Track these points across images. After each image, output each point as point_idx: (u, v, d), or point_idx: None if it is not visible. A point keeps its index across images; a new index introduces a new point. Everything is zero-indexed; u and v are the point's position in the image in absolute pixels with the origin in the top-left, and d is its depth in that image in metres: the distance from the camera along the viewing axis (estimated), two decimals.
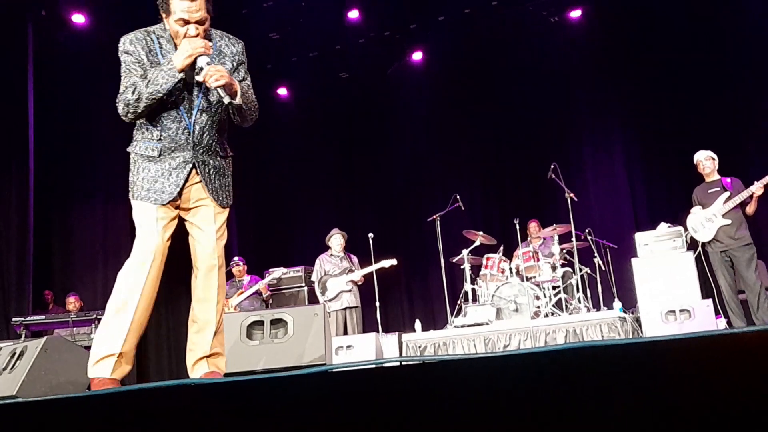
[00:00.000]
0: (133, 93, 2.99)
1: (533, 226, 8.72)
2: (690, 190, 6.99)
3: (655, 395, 1.60)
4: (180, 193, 3.10)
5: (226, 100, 2.99)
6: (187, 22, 3.01)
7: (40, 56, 8.37)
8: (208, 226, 3.18)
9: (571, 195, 7.67)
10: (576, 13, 9.75)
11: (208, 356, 3.12)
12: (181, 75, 2.98)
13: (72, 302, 8.32)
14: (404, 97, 10.87)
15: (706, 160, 6.80)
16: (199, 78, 2.99)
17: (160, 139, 3.09)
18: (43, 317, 7.39)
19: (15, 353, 3.76)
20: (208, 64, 2.98)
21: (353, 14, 9.65)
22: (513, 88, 10.33)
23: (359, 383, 1.83)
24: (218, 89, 2.97)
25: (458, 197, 8.36)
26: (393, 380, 1.82)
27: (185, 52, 2.96)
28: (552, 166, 7.83)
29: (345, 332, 7.80)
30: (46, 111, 8.50)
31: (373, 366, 1.82)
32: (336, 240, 8.23)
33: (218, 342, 3.17)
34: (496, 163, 10.52)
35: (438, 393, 1.71)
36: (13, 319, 7.14)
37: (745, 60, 8.92)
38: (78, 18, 8.72)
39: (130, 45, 3.08)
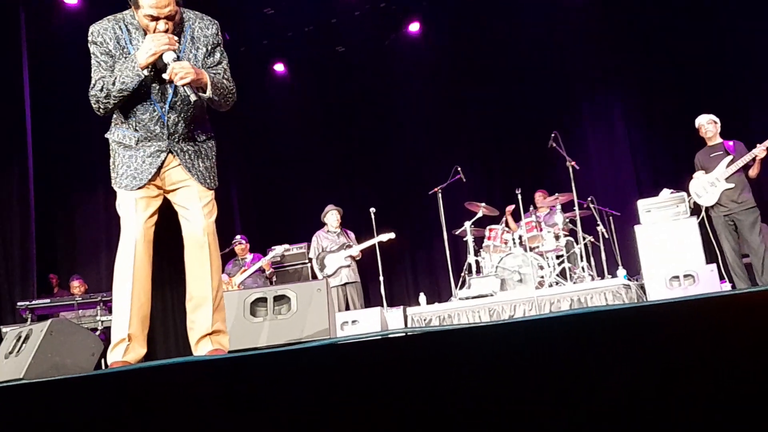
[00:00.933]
0: (101, 90, 3.00)
1: (539, 195, 8.68)
2: (692, 156, 6.96)
3: (660, 358, 1.60)
4: (158, 174, 3.11)
5: (193, 97, 2.95)
6: (155, 18, 2.95)
7: (35, 44, 8.29)
8: (194, 204, 3.16)
9: (573, 163, 7.63)
10: None
11: (210, 333, 3.11)
12: (145, 73, 2.95)
13: (76, 285, 8.34)
14: (402, 69, 10.79)
15: (708, 124, 6.76)
16: (165, 76, 2.95)
17: (136, 129, 3.11)
18: (48, 301, 7.41)
19: (21, 336, 3.77)
20: (175, 59, 2.92)
21: None
22: (512, 57, 10.25)
23: (365, 355, 1.83)
24: (185, 87, 2.93)
25: (459, 169, 8.32)
26: (399, 351, 1.81)
27: (148, 51, 2.92)
28: (553, 135, 7.78)
29: (347, 308, 7.82)
30: (44, 99, 8.44)
31: (379, 337, 1.82)
32: (332, 216, 8.22)
33: (219, 318, 3.16)
34: (496, 134, 10.48)
35: (444, 362, 1.70)
36: (19, 303, 7.16)
37: (746, 24, 8.82)
38: (71, 0, 8.62)
39: (98, 36, 3.04)
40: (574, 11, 9.82)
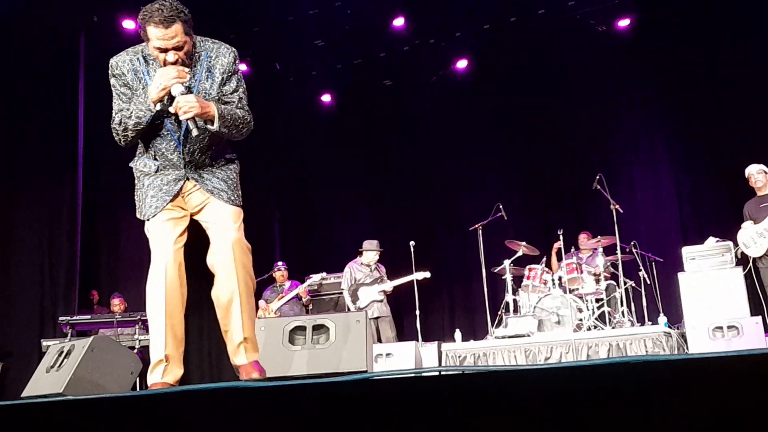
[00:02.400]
0: (119, 124, 3.12)
1: (583, 237, 8.59)
2: (738, 205, 6.84)
3: (702, 414, 1.56)
4: (177, 196, 3.16)
5: (195, 132, 2.97)
6: (163, 50, 2.98)
7: (92, 66, 8.56)
8: (219, 218, 3.17)
9: (617, 207, 7.55)
10: (624, 23, 9.62)
11: (244, 341, 3.13)
12: (157, 107, 3.01)
13: (117, 303, 8.47)
14: (448, 105, 10.83)
15: (758, 174, 6.65)
16: (171, 109, 2.99)
17: (155, 158, 3.19)
18: (89, 317, 7.55)
19: (63, 351, 3.85)
20: (183, 93, 2.94)
21: (398, 22, 9.67)
22: (558, 97, 10.24)
23: (399, 392, 1.82)
24: (188, 122, 2.97)
25: (501, 207, 8.29)
26: (433, 390, 1.81)
27: (158, 86, 2.97)
28: (598, 177, 7.72)
29: (378, 341, 7.78)
30: (96, 118, 8.67)
31: (414, 375, 1.81)
32: (372, 255, 8.20)
33: (251, 320, 3.18)
34: (539, 173, 10.42)
35: (478, 404, 1.69)
36: (60, 318, 7.30)
37: None
38: (129, 24, 8.89)
39: (116, 68, 3.15)
40: (622, 54, 9.78)
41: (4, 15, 7.84)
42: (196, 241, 3.31)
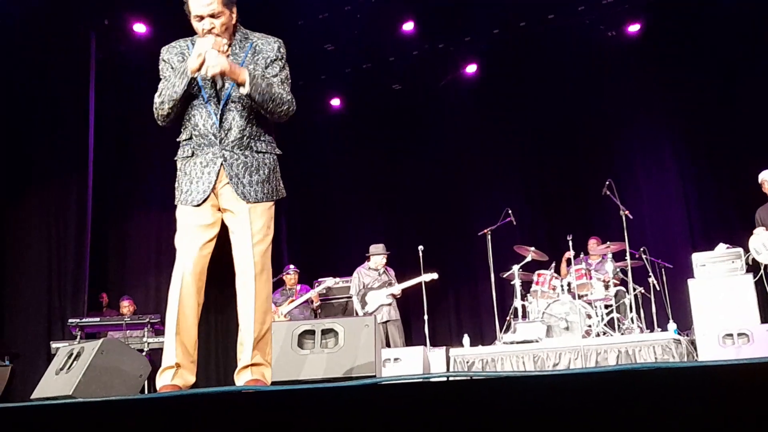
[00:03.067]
0: (158, 96, 3.16)
1: (593, 242, 8.55)
2: (748, 211, 6.81)
3: (712, 423, 1.55)
4: (214, 190, 3.13)
5: (219, 83, 3.04)
6: (201, 18, 3.08)
7: (102, 66, 8.60)
8: (242, 230, 3.13)
9: (626, 212, 7.52)
10: (634, 28, 9.60)
11: (251, 365, 3.10)
12: (193, 74, 3.06)
13: (126, 305, 8.49)
14: (457, 109, 10.83)
15: None
16: (200, 73, 3.05)
17: (191, 137, 3.18)
18: (98, 319, 7.56)
19: (72, 354, 3.86)
20: (212, 56, 3.03)
21: (408, 26, 9.68)
22: (568, 102, 10.21)
23: (406, 397, 1.82)
24: (218, 77, 3.03)
25: (510, 212, 8.27)
26: (441, 395, 1.80)
27: (195, 52, 3.05)
28: (607, 183, 7.69)
29: (387, 345, 7.77)
30: (107, 120, 8.73)
31: (422, 380, 1.81)
32: (379, 258, 8.20)
33: (261, 352, 3.11)
34: (548, 178, 10.40)
35: (486, 411, 1.68)
36: (69, 320, 7.32)
37: None
38: (139, 27, 8.93)
39: (166, 53, 3.25)
40: (631, 59, 9.76)
41: (16, 17, 7.89)
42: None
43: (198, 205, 3.13)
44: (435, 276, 8.01)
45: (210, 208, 3.16)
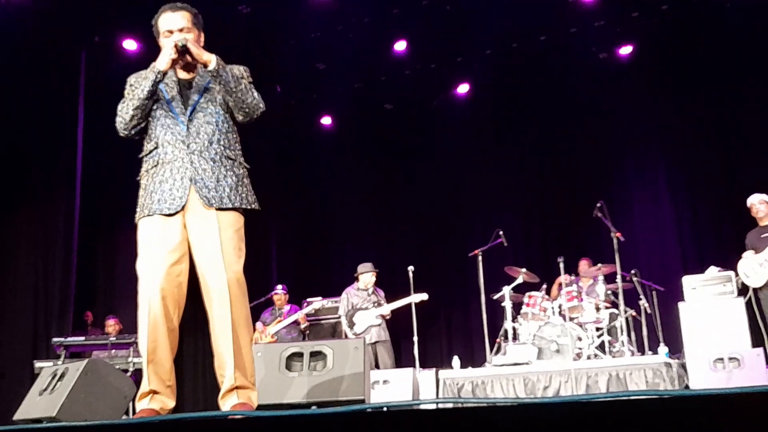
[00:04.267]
0: (122, 103, 3.18)
1: (584, 263, 8.53)
2: (740, 234, 6.82)
3: None
4: (185, 205, 3.04)
5: (185, 44, 3.05)
6: (170, 32, 3.16)
7: (92, 83, 8.57)
8: (210, 241, 3.02)
9: (618, 235, 7.51)
10: (626, 50, 9.66)
11: (236, 387, 3.01)
12: (161, 68, 3.08)
13: (112, 325, 8.40)
14: (448, 129, 10.85)
15: (759, 204, 6.64)
16: (170, 52, 3.08)
17: (156, 147, 3.13)
18: (82, 339, 7.45)
19: (56, 374, 3.79)
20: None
21: (400, 46, 9.71)
22: (559, 123, 10.26)
23: (396, 424, 1.78)
24: (181, 43, 3.05)
25: (501, 233, 8.25)
26: (429, 423, 1.76)
27: (163, 54, 3.11)
28: (599, 205, 7.69)
29: (377, 367, 7.70)
30: (95, 137, 8.68)
31: (409, 408, 1.77)
32: (368, 277, 8.14)
33: (243, 373, 3.02)
34: (539, 200, 10.41)
35: None
36: (54, 339, 7.22)
37: None
38: (130, 44, 8.92)
39: (133, 78, 3.25)
40: (623, 81, 9.81)
41: (6, 33, 7.86)
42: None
43: (171, 215, 3.03)
44: (425, 297, 7.95)
45: (179, 223, 3.06)
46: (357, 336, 7.72)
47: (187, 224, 3.07)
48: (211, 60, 3.09)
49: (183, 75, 3.25)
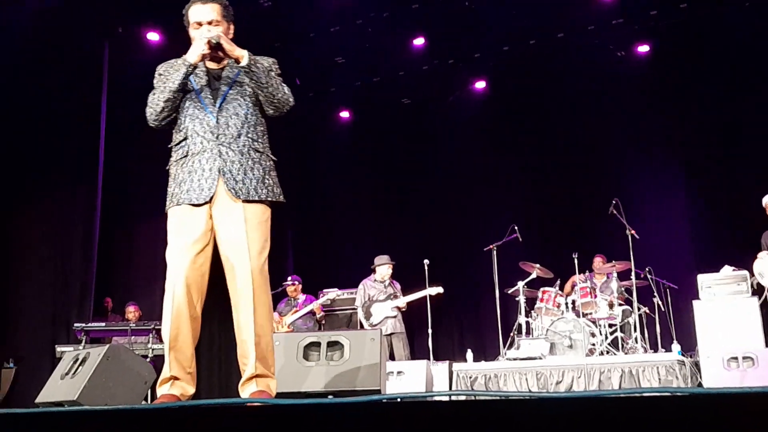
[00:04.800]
0: (152, 94, 3.21)
1: (598, 260, 8.55)
2: (755, 234, 6.80)
3: None
4: (212, 196, 3.08)
5: (214, 40, 3.07)
6: (200, 24, 3.19)
7: (116, 74, 8.65)
8: (236, 232, 3.07)
9: (633, 232, 7.52)
10: (644, 48, 9.63)
11: (255, 376, 3.07)
12: (192, 62, 3.12)
13: (131, 311, 8.51)
14: (465, 125, 10.87)
15: None
16: (201, 50, 3.11)
17: (186, 138, 3.17)
18: (103, 324, 7.59)
19: (78, 359, 3.87)
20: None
21: (418, 41, 9.74)
22: (575, 120, 10.25)
23: (410, 415, 1.83)
24: (215, 41, 3.08)
25: (516, 228, 8.29)
26: (443, 415, 1.81)
27: (194, 47, 3.14)
28: (614, 202, 7.70)
29: (392, 358, 7.77)
30: (118, 126, 8.77)
31: (424, 399, 1.82)
32: (384, 269, 8.20)
33: (264, 363, 3.07)
34: (556, 196, 10.41)
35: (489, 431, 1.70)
36: (75, 325, 7.34)
37: None
38: (153, 36, 9.00)
39: (162, 68, 3.30)
40: (640, 79, 9.79)
41: (29, 25, 7.95)
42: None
43: (199, 205, 3.09)
44: (440, 290, 8.01)
45: (205, 213, 3.11)
46: (373, 327, 7.80)
47: (213, 215, 3.13)
48: (243, 56, 3.13)
49: (213, 66, 3.28)
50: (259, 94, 3.19)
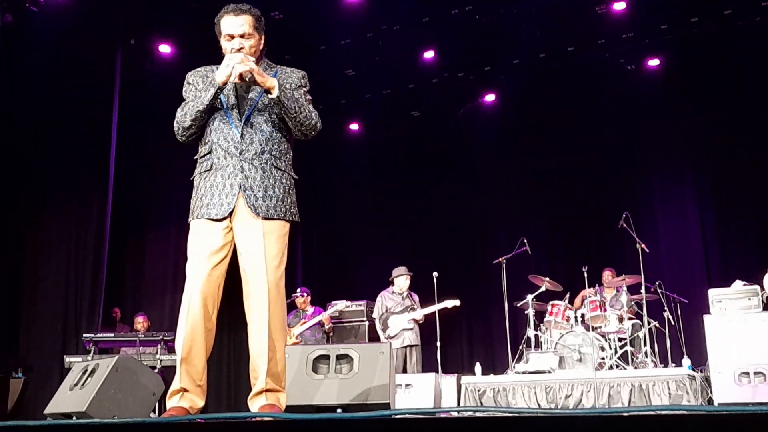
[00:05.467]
0: (181, 110, 3.21)
1: (607, 273, 8.53)
2: (765, 248, 6.76)
3: None
4: (233, 210, 3.10)
5: (248, 78, 3.04)
6: (232, 36, 3.16)
7: (127, 85, 8.72)
8: (255, 249, 3.09)
9: (643, 246, 7.49)
10: (654, 62, 9.62)
11: (265, 390, 3.07)
12: (220, 84, 3.09)
13: (140, 322, 8.53)
14: (474, 138, 10.88)
15: None
16: (232, 78, 3.08)
17: (210, 151, 3.18)
18: (111, 335, 7.61)
19: (87, 370, 3.89)
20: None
21: (428, 54, 9.76)
22: (585, 134, 10.24)
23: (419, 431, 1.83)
24: (249, 77, 3.05)
25: (525, 241, 8.27)
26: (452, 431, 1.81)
27: (223, 65, 3.11)
28: (624, 215, 7.68)
29: (404, 370, 7.76)
30: (129, 137, 8.82)
31: (433, 416, 1.81)
32: (402, 280, 8.21)
33: (275, 378, 3.08)
34: (565, 209, 10.39)
35: None
36: (84, 335, 7.37)
37: None
38: (164, 48, 9.06)
39: (191, 76, 3.30)
40: (651, 93, 9.78)
41: (42, 34, 8.01)
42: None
43: (219, 220, 3.11)
44: (457, 303, 8.01)
45: (224, 227, 3.13)
46: (390, 339, 7.83)
47: (234, 228, 3.16)
48: (274, 87, 3.10)
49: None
50: (287, 120, 3.19)
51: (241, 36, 3.16)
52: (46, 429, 2.36)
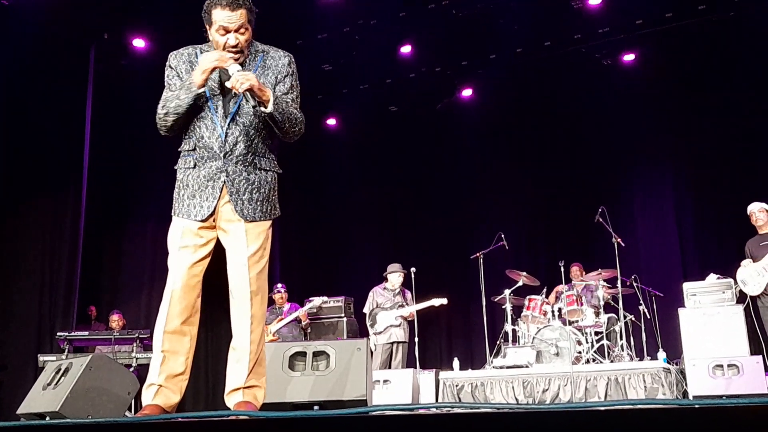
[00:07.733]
0: (162, 108, 3.11)
1: (575, 269, 8.58)
2: (741, 242, 6.85)
3: None
4: (215, 210, 3.08)
5: (251, 102, 2.98)
6: (227, 30, 3.06)
7: (101, 79, 8.61)
8: (238, 249, 3.09)
9: (619, 240, 7.56)
10: (629, 57, 9.68)
11: (243, 387, 3.06)
12: (200, 90, 3.03)
13: (116, 320, 8.44)
14: (452, 133, 10.90)
15: (759, 212, 6.67)
16: (228, 84, 3.02)
17: (194, 149, 3.13)
18: (86, 333, 7.51)
19: (60, 369, 3.83)
20: (239, 71, 2.99)
21: (405, 49, 9.74)
22: (562, 129, 10.30)
23: (396, 429, 1.82)
24: (247, 93, 2.97)
25: (503, 236, 8.30)
26: (431, 427, 1.80)
27: (200, 67, 3.03)
28: (600, 210, 7.74)
29: (389, 366, 7.79)
30: (103, 133, 8.72)
31: (410, 413, 1.81)
32: (395, 277, 8.22)
33: (255, 374, 3.08)
34: (542, 204, 10.45)
35: None
36: (58, 334, 7.27)
37: None
38: (138, 42, 8.95)
39: (173, 60, 3.20)
40: (626, 87, 9.84)
41: (15, 29, 7.89)
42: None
43: (198, 221, 3.08)
44: (444, 301, 8.05)
45: (208, 225, 3.11)
46: (377, 334, 7.85)
47: (217, 227, 3.14)
48: (269, 100, 3.02)
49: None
50: (273, 127, 3.13)
51: (237, 30, 3.07)
52: (19, 430, 2.33)
